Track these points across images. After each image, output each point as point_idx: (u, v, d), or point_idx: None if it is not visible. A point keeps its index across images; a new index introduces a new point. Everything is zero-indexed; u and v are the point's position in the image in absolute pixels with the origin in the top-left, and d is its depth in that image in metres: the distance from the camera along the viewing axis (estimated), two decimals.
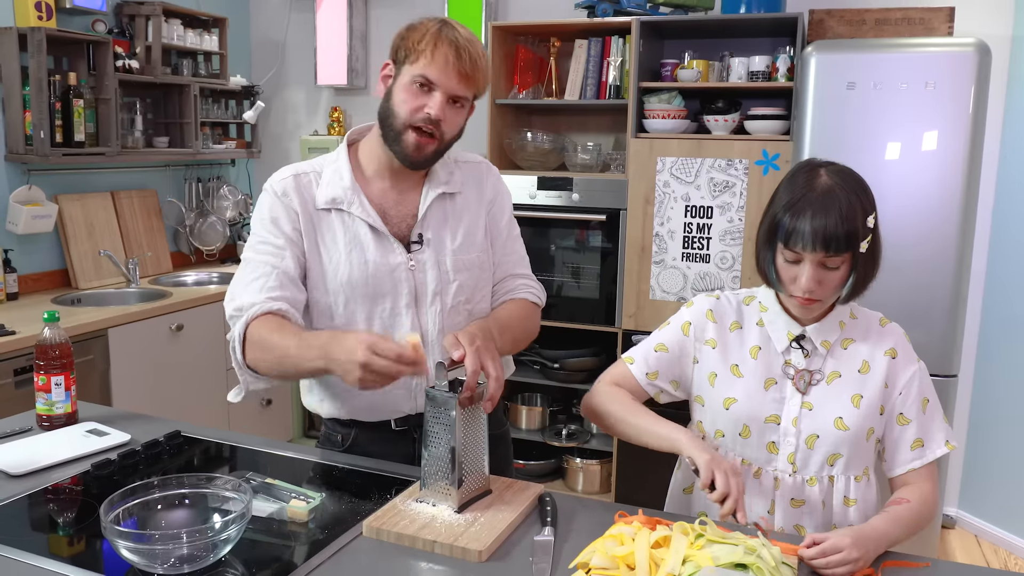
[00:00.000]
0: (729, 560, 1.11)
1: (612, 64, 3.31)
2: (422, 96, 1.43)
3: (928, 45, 2.70)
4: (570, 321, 3.39)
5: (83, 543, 1.25)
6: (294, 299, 1.47)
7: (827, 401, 1.41)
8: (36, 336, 1.67)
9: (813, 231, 1.29)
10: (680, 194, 3.12)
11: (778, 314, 1.45)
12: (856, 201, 1.32)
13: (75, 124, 3.14)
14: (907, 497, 1.37)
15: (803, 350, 1.43)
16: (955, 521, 3.37)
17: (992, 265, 3.25)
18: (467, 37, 1.44)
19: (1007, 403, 3.18)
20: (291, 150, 4.35)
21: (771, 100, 3.20)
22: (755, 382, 1.44)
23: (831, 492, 1.42)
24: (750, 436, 1.44)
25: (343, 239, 1.50)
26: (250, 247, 1.51)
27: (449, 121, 1.46)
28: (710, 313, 1.51)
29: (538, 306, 1.66)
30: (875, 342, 1.44)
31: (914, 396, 1.42)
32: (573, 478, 3.49)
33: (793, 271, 1.35)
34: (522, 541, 1.27)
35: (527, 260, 1.69)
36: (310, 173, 1.53)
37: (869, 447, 1.43)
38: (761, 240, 1.40)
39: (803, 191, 1.33)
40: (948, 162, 2.63)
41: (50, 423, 1.67)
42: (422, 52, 1.42)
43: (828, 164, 1.38)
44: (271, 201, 1.51)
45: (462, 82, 1.44)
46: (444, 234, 1.55)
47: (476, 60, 1.44)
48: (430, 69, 1.42)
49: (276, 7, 4.30)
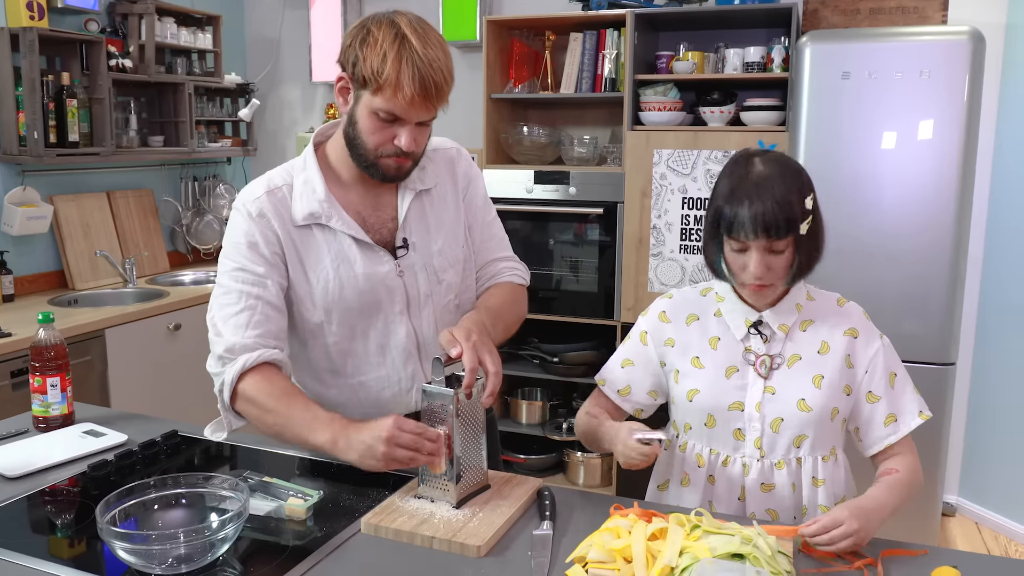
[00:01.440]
0: (726, 551, 1.11)
1: (607, 57, 3.30)
2: (388, 128, 1.36)
3: (922, 34, 2.69)
4: (569, 315, 3.38)
5: (81, 544, 1.25)
6: (280, 331, 1.45)
7: (789, 384, 1.42)
8: (32, 338, 1.66)
9: (753, 218, 1.31)
10: (677, 186, 3.12)
11: (735, 303, 1.46)
12: (792, 184, 1.34)
13: (69, 124, 3.13)
14: (895, 467, 1.40)
15: (762, 335, 1.44)
16: (955, 508, 3.38)
17: (989, 253, 3.24)
18: (429, 57, 1.31)
19: (1005, 391, 3.19)
20: (287, 147, 4.35)
21: (767, 91, 3.19)
22: (716, 371, 1.45)
23: (799, 474, 1.43)
24: (715, 425, 1.45)
25: (328, 255, 1.46)
26: (226, 272, 1.44)
27: (419, 143, 1.40)
28: (663, 315, 1.52)
29: (524, 286, 1.66)
30: (834, 323, 1.45)
31: (880, 372, 1.43)
32: (574, 472, 3.49)
33: (741, 260, 1.37)
34: (521, 535, 1.27)
35: (507, 240, 1.68)
36: (283, 187, 1.46)
37: (835, 427, 1.44)
38: (707, 233, 1.42)
39: (739, 181, 1.35)
40: (944, 151, 2.63)
41: (46, 424, 1.67)
42: (384, 84, 1.30)
43: (763, 153, 1.40)
44: (247, 224, 1.43)
45: (430, 108, 1.35)
46: (427, 235, 1.52)
47: (442, 80, 1.33)
48: (394, 104, 1.32)
49: (270, 4, 4.29)
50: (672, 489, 1.53)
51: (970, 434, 3.36)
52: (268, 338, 1.41)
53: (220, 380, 1.40)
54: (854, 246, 2.72)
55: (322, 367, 1.53)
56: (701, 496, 1.47)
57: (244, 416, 1.42)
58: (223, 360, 1.40)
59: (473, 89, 3.71)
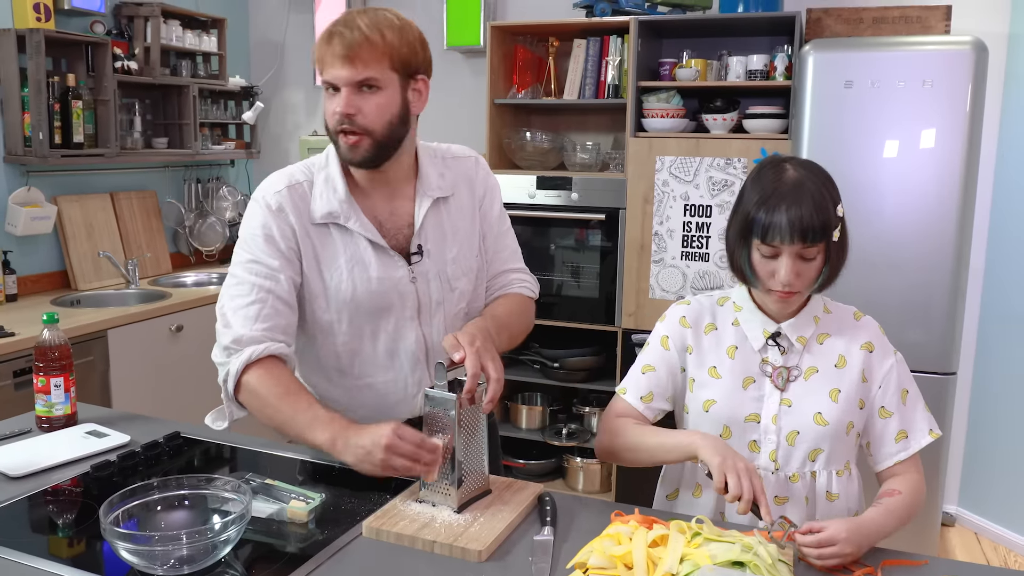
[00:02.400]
0: (726, 558, 1.12)
1: (610, 63, 3.31)
2: (332, 100, 1.40)
3: (925, 43, 2.70)
4: (570, 320, 3.39)
5: (83, 544, 1.26)
6: (289, 326, 1.45)
7: (805, 397, 1.41)
8: (35, 338, 1.67)
9: (790, 223, 1.30)
10: (679, 193, 3.12)
11: (753, 312, 1.46)
12: (826, 191, 1.34)
13: (74, 125, 3.14)
14: (898, 488, 1.38)
15: (779, 347, 1.44)
16: (955, 519, 3.37)
17: (991, 262, 3.25)
18: (348, 19, 1.37)
19: (1006, 400, 3.19)
20: (290, 150, 4.36)
21: (769, 99, 3.20)
22: (733, 382, 1.44)
23: (814, 487, 1.43)
24: (731, 437, 1.44)
25: (344, 256, 1.46)
26: (240, 263, 1.45)
27: (364, 112, 1.38)
28: (683, 320, 1.51)
29: (532, 299, 1.66)
30: (851, 336, 1.45)
31: (893, 388, 1.43)
32: (574, 477, 3.49)
33: (771, 266, 1.36)
34: (522, 541, 1.27)
35: (519, 253, 1.69)
36: (303, 182, 1.48)
37: (850, 441, 1.43)
38: (733, 240, 1.40)
39: (773, 186, 1.34)
40: (946, 160, 2.63)
41: (50, 424, 1.67)
42: (318, 61, 1.40)
43: (791, 158, 1.40)
44: (264, 216, 1.45)
45: (346, 65, 1.35)
46: (442, 243, 1.53)
47: (355, 39, 1.35)
48: (324, 71, 1.39)
49: (275, 8, 4.30)
50: (683, 498, 1.52)
51: (970, 444, 3.36)
52: (276, 332, 1.42)
53: (225, 370, 1.41)
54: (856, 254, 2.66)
55: (330, 365, 1.54)
56: (713, 507, 1.46)
57: (246, 407, 1.42)
58: (229, 351, 1.41)
59: (477, 94, 3.72)
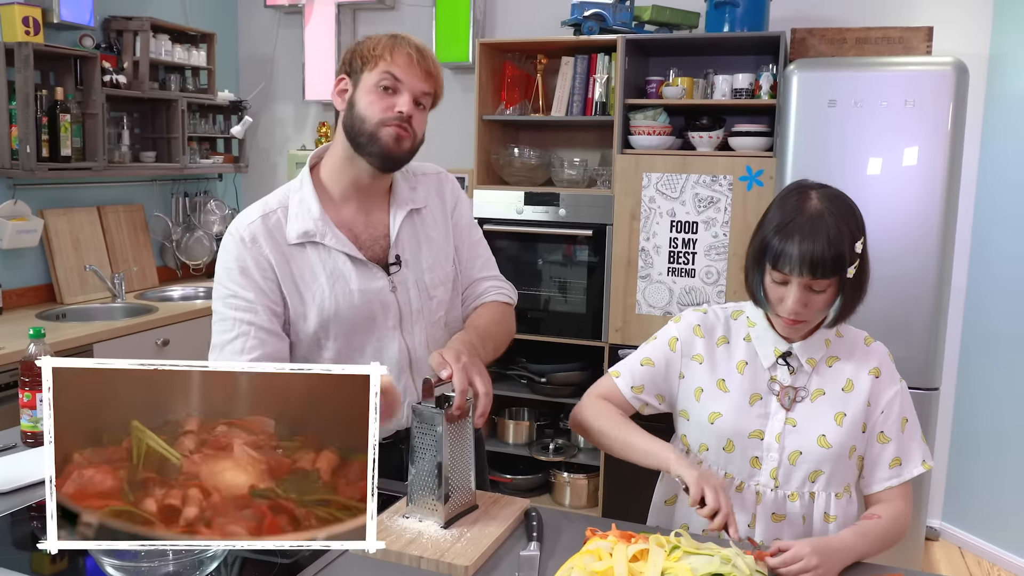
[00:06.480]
0: (707, 571, 1.13)
1: (598, 81, 3.34)
2: (388, 97, 1.43)
3: (907, 64, 2.75)
4: (557, 335, 3.40)
5: (66, 561, 1.25)
6: (278, 353, 1.46)
7: (811, 418, 1.42)
8: (20, 352, 1.67)
9: (800, 255, 1.30)
10: (666, 209, 3.15)
11: (766, 330, 1.46)
12: (845, 226, 1.32)
13: (62, 139, 3.14)
14: (879, 513, 1.39)
15: (789, 367, 1.44)
16: (939, 533, 3.39)
17: (973, 279, 3.29)
18: (419, 44, 1.47)
19: (989, 415, 3.22)
20: (279, 165, 4.36)
21: (754, 117, 3.24)
22: (741, 397, 1.45)
23: (812, 508, 1.44)
24: (734, 451, 1.45)
25: (323, 273, 1.48)
26: (220, 299, 1.46)
27: (417, 120, 1.47)
28: (698, 328, 1.52)
29: (511, 305, 1.67)
30: (860, 361, 1.46)
31: (895, 415, 1.44)
32: (560, 492, 3.49)
33: (780, 292, 1.36)
34: (508, 556, 1.28)
35: (493, 261, 1.71)
36: (277, 210, 1.49)
37: (851, 465, 1.44)
38: (750, 259, 1.41)
39: (793, 214, 1.33)
40: (928, 177, 2.67)
41: (35, 440, 1.66)
42: (381, 56, 1.43)
43: (820, 187, 1.39)
44: (238, 250, 1.46)
45: (427, 80, 1.45)
46: (418, 252, 1.55)
47: (435, 61, 1.48)
48: (394, 67, 1.42)
49: (264, 23, 4.32)
50: (680, 506, 1.52)
51: (954, 459, 3.38)
52: (265, 360, 1.43)
53: None
54: None
55: None
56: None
57: None
58: None
59: (465, 110, 3.74)
